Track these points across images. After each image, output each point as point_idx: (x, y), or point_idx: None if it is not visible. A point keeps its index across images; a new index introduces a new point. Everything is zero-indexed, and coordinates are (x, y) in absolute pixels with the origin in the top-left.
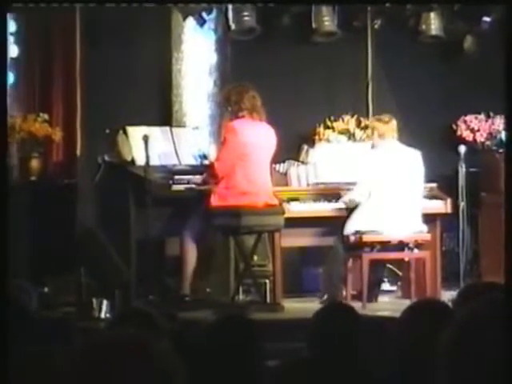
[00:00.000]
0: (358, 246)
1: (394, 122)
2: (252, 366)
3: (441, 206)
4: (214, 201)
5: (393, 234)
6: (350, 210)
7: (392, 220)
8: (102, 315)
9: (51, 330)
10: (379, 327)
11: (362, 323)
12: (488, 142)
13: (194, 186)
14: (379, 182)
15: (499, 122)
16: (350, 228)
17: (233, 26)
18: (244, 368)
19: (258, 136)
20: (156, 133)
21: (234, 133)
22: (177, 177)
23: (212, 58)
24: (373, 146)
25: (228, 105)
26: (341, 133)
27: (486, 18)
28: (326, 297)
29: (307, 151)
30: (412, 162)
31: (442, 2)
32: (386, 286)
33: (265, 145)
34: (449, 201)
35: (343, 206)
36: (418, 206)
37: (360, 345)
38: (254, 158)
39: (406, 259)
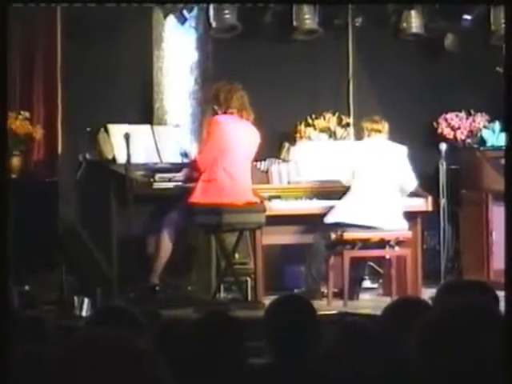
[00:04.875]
0: (339, 244)
1: (384, 123)
2: (236, 364)
3: (422, 204)
4: (196, 196)
5: (374, 232)
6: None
7: (373, 214)
8: (84, 313)
9: (31, 328)
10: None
11: (315, 316)
12: (469, 140)
13: (175, 183)
14: (361, 175)
15: (480, 120)
16: (331, 219)
17: (214, 24)
18: (227, 366)
19: (241, 133)
20: (137, 131)
21: (217, 127)
22: (158, 175)
23: (193, 55)
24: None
25: (217, 103)
26: (322, 131)
27: (467, 16)
28: (303, 289)
29: (288, 149)
30: (397, 157)
31: (427, 2)
32: (367, 284)
33: (247, 143)
34: (430, 198)
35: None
36: (399, 200)
37: (316, 339)
38: (236, 154)
39: (387, 257)
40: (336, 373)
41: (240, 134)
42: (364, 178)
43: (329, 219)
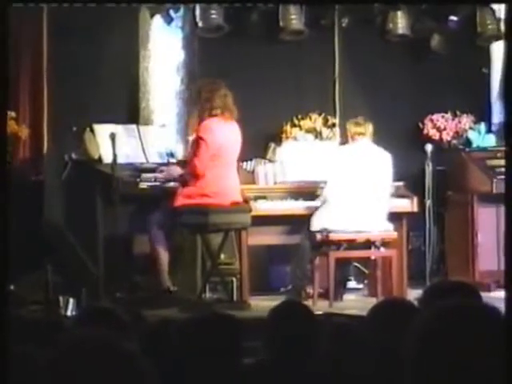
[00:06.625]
0: (324, 244)
1: (368, 125)
2: (231, 363)
3: (407, 205)
4: (181, 200)
5: (359, 233)
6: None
7: (357, 218)
8: (69, 313)
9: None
10: (335, 326)
11: (315, 322)
12: (454, 141)
13: (160, 183)
14: (345, 180)
15: (465, 121)
16: (316, 225)
17: (200, 24)
18: (222, 365)
19: (228, 137)
20: (123, 131)
21: (211, 133)
22: (144, 175)
23: (179, 55)
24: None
25: (199, 102)
26: (308, 131)
27: (453, 17)
28: (290, 287)
29: (274, 149)
30: (380, 162)
31: (420, 2)
32: (352, 284)
33: (234, 145)
34: (415, 199)
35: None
36: (384, 206)
37: (315, 344)
38: (225, 159)
39: (373, 257)
40: (323, 373)
41: (227, 138)
42: (347, 182)
43: (314, 226)
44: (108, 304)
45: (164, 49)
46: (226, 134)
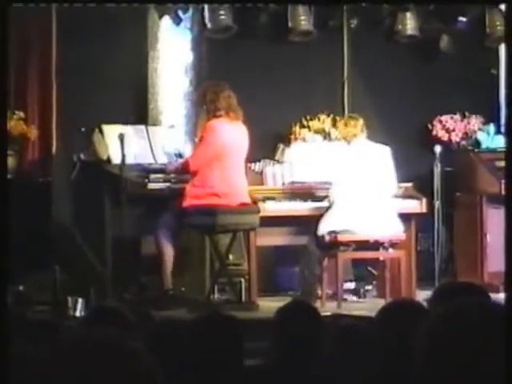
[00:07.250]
0: (332, 246)
1: (357, 123)
2: (234, 364)
3: (416, 206)
4: (189, 200)
5: (368, 234)
6: (325, 209)
7: (364, 219)
8: (77, 313)
9: (25, 328)
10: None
11: (322, 323)
12: (463, 142)
13: (169, 184)
14: (349, 183)
15: (474, 122)
16: (324, 228)
17: (209, 25)
18: (226, 367)
19: (234, 137)
20: (132, 131)
21: (213, 133)
22: (152, 175)
23: (188, 56)
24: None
25: (204, 103)
26: (316, 132)
27: (462, 18)
28: (300, 293)
29: (283, 150)
30: (380, 160)
31: (429, 2)
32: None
33: (240, 146)
34: (424, 200)
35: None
36: (390, 205)
37: (323, 344)
38: (231, 160)
39: (381, 259)
40: (331, 374)
41: (233, 138)
42: (351, 185)
43: (320, 230)
44: (115, 304)
45: (173, 50)
46: (230, 134)
